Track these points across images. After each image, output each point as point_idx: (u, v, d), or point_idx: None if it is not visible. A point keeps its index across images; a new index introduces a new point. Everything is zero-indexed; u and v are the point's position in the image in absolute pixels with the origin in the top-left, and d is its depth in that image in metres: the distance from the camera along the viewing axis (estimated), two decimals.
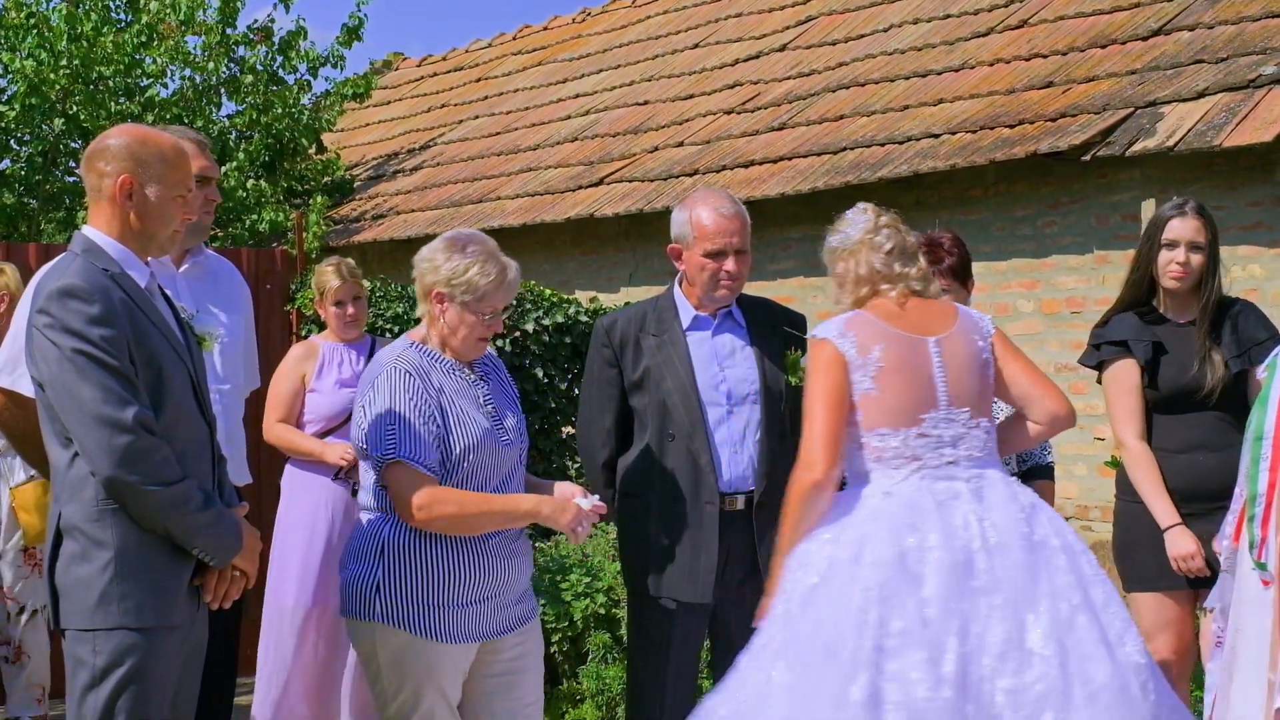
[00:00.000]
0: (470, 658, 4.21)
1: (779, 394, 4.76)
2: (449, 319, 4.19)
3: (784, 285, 9.00)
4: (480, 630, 4.19)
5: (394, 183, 13.27)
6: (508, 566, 4.22)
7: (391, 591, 4.09)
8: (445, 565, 4.11)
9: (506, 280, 4.17)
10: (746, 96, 10.90)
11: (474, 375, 4.28)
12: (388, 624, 4.10)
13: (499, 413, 4.27)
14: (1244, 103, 7.28)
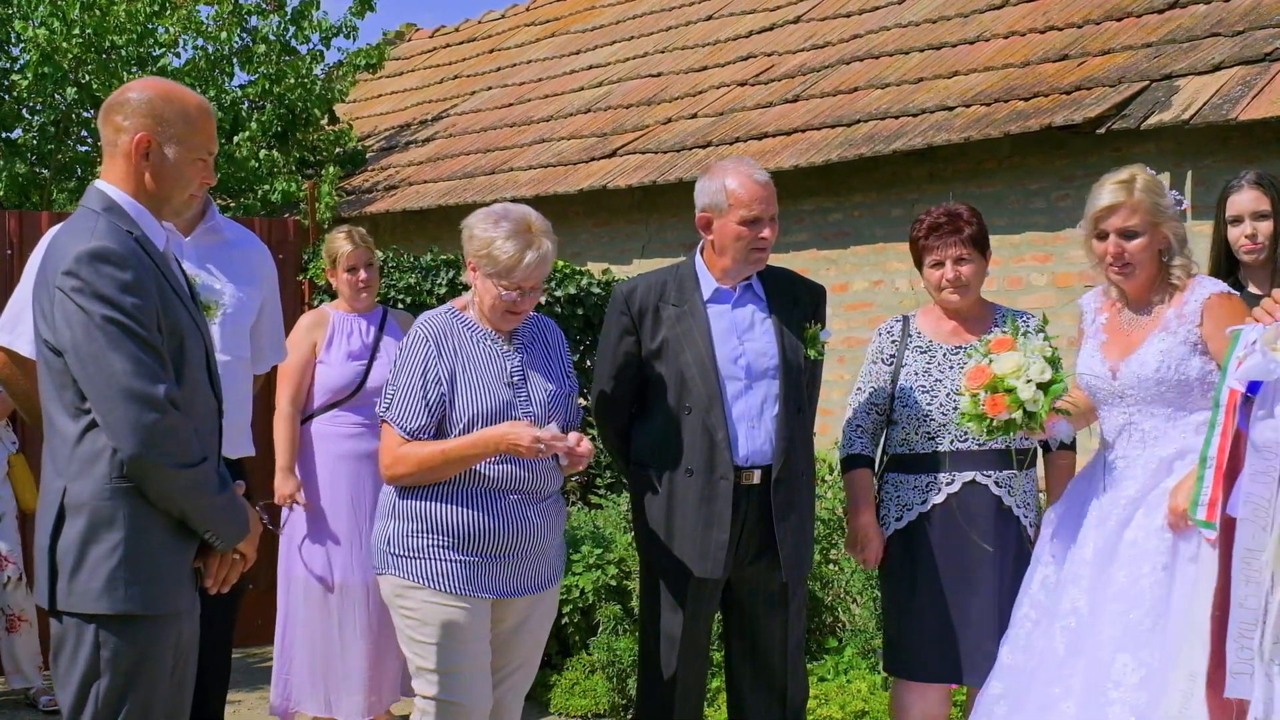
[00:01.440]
0: (487, 614, 4.28)
1: (798, 368, 4.76)
2: (478, 288, 4.33)
3: (798, 257, 8.97)
4: (491, 587, 4.26)
5: (406, 154, 13.25)
6: (526, 526, 4.27)
7: (401, 544, 4.25)
8: (453, 522, 4.21)
9: (526, 260, 4.22)
10: (760, 68, 10.87)
11: (508, 346, 4.34)
12: (400, 576, 4.25)
13: (531, 385, 4.31)
14: (1260, 76, 7.25)
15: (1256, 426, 3.68)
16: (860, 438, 4.95)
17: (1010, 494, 4.80)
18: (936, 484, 4.80)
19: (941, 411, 4.78)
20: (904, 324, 5.00)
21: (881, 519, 4.91)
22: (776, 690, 4.87)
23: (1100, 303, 4.54)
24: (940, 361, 4.86)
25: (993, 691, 4.46)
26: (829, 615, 7.08)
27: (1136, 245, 4.28)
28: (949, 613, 4.76)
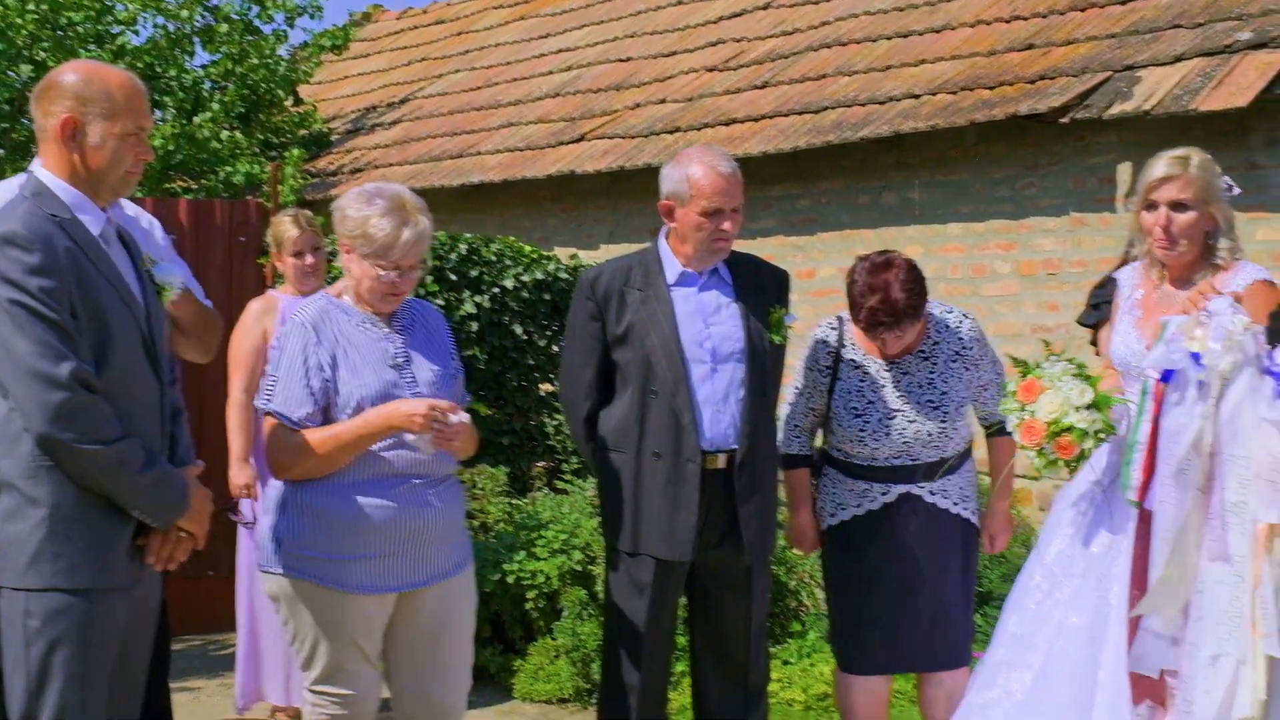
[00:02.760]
0: (386, 609, 4.17)
1: (763, 353, 4.78)
2: (354, 270, 4.18)
3: (765, 244, 9.01)
4: (392, 581, 4.13)
5: (372, 136, 13.22)
6: (422, 515, 4.14)
7: (292, 541, 4.09)
8: (348, 515, 4.07)
9: (403, 237, 4.09)
10: (729, 54, 10.89)
11: (389, 329, 4.23)
12: (291, 574, 4.11)
13: (415, 366, 4.22)
14: (1220, 67, 7.31)
15: (1169, 412, 3.76)
16: (799, 437, 5.00)
17: (946, 497, 4.87)
18: (872, 492, 4.86)
19: (874, 435, 4.82)
20: (840, 331, 4.97)
21: (819, 511, 4.98)
22: (738, 673, 4.91)
23: (1138, 279, 4.54)
24: (874, 379, 4.88)
25: (997, 657, 4.49)
26: (793, 599, 7.12)
27: (1185, 219, 4.29)
28: (885, 608, 4.84)
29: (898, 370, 4.87)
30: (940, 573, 4.86)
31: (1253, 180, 7.21)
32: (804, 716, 6.16)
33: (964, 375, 4.88)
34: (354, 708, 4.21)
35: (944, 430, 4.83)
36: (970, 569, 4.97)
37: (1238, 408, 3.69)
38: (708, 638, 4.94)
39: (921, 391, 4.84)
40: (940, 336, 4.92)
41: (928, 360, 4.89)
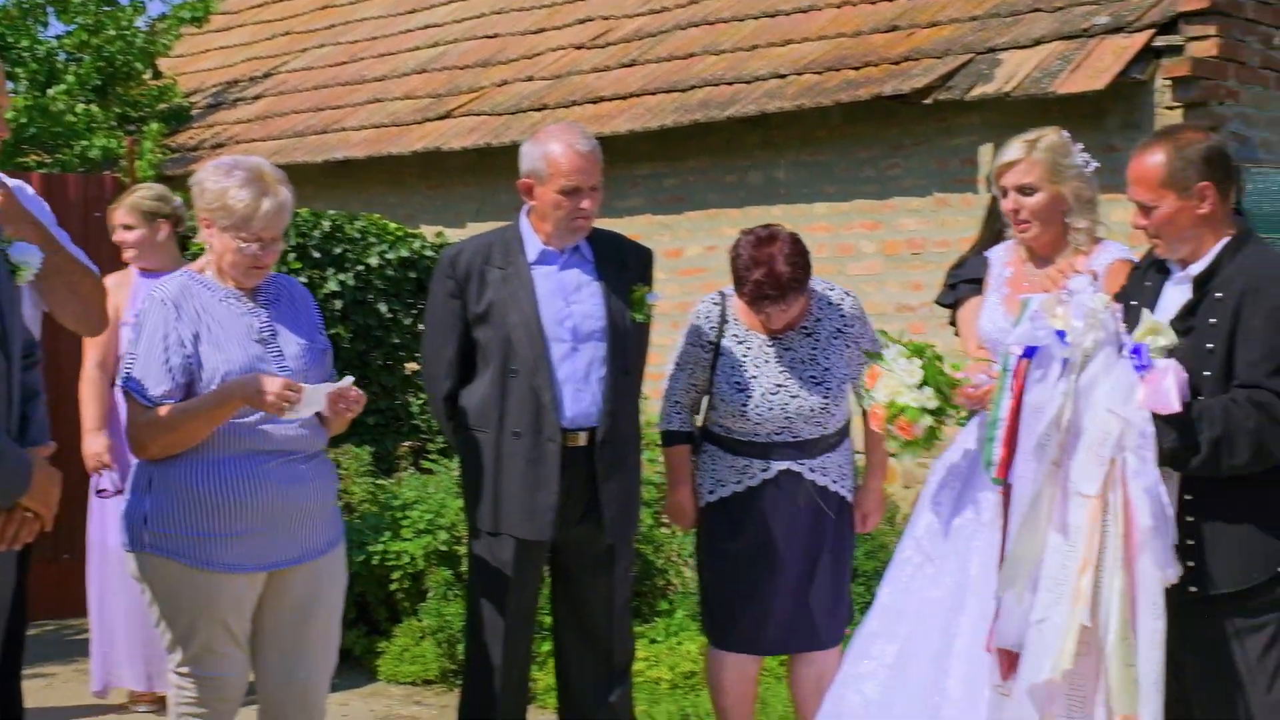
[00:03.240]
0: (255, 588, 4.13)
1: (625, 331, 4.77)
2: (215, 244, 4.14)
3: (632, 223, 9.00)
4: (262, 559, 4.10)
5: (234, 111, 12.98)
6: (292, 492, 4.11)
7: (159, 521, 4.04)
8: (217, 493, 4.02)
9: (263, 207, 4.05)
10: (597, 32, 10.85)
11: (253, 303, 4.18)
12: (157, 554, 4.05)
13: (280, 341, 4.18)
14: (1078, 51, 7.44)
15: (1032, 388, 3.82)
16: (679, 413, 5.01)
17: (825, 474, 4.91)
18: (753, 468, 4.89)
19: (757, 410, 4.84)
20: (722, 307, 4.99)
21: (697, 488, 4.98)
22: (601, 652, 4.91)
23: (1007, 257, 4.63)
24: (756, 354, 4.91)
25: (869, 629, 4.55)
26: (661, 578, 7.14)
27: (1034, 202, 4.41)
28: (760, 585, 4.87)
29: (780, 346, 4.90)
30: (817, 552, 4.90)
31: (1110, 162, 7.32)
32: (670, 695, 6.18)
33: (845, 352, 4.92)
34: (221, 691, 4.15)
35: (826, 406, 4.87)
36: (846, 548, 5.02)
37: (1093, 383, 3.77)
38: (571, 616, 4.94)
39: (804, 367, 4.87)
40: (823, 313, 4.96)
41: (810, 336, 4.92)
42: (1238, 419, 3.71)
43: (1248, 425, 3.70)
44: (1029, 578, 3.80)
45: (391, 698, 6.46)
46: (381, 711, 6.28)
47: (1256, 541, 3.78)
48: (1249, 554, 3.78)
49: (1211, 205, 3.88)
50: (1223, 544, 3.79)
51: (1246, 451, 3.71)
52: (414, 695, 6.49)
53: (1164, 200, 3.89)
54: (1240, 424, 3.70)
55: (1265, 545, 3.78)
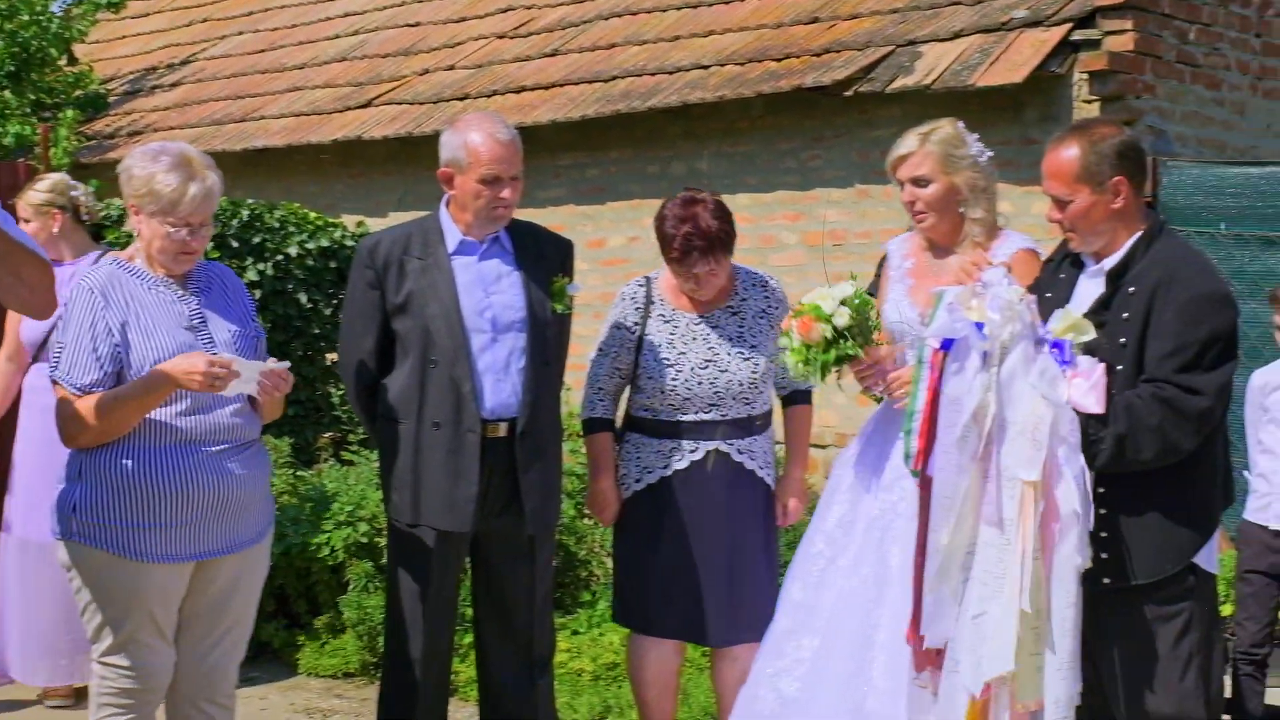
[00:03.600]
0: (183, 578, 4.11)
1: (545, 322, 4.76)
2: (143, 231, 4.11)
3: (555, 213, 8.99)
4: (191, 549, 4.08)
5: (152, 99, 12.83)
6: (223, 483, 4.08)
7: (88, 509, 4.01)
8: (147, 483, 4.00)
9: (190, 192, 4.02)
10: (519, 21, 10.82)
11: (183, 290, 4.16)
12: (85, 543, 4.02)
13: (211, 328, 4.15)
14: (997, 44, 7.51)
15: (949, 381, 3.85)
16: (601, 400, 5.00)
17: (752, 458, 4.92)
18: (680, 451, 4.88)
19: (686, 385, 4.84)
20: (647, 289, 5.00)
21: (622, 478, 4.97)
22: (522, 644, 4.89)
23: (907, 248, 4.66)
24: (684, 332, 4.91)
25: (781, 626, 4.56)
26: (583, 569, 7.14)
27: (928, 193, 4.47)
28: (686, 574, 4.86)
29: (708, 324, 4.91)
30: (744, 539, 4.90)
31: (1028, 155, 7.42)
32: (593, 686, 6.18)
33: (770, 333, 4.94)
34: (145, 681, 4.12)
35: (754, 382, 4.87)
36: (772, 538, 5.02)
37: (1012, 376, 3.80)
38: (492, 608, 4.92)
39: (732, 344, 4.89)
40: (748, 293, 4.98)
41: (736, 315, 4.94)
42: (1141, 415, 3.75)
43: (1151, 422, 3.75)
44: (961, 572, 3.82)
45: (311, 691, 6.41)
46: (301, 705, 6.23)
47: (1169, 533, 3.83)
48: (1162, 546, 3.83)
49: (1125, 200, 3.93)
50: (1136, 536, 3.84)
51: (1151, 448, 3.76)
52: (334, 688, 6.45)
53: (1078, 195, 3.93)
54: (1144, 420, 3.75)
55: (1177, 537, 3.84)
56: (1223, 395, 3.83)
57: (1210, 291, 3.84)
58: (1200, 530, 3.87)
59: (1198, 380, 3.76)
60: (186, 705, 4.26)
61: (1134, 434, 3.75)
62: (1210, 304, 3.82)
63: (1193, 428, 3.76)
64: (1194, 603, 3.87)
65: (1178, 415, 3.74)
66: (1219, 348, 3.80)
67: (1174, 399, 3.75)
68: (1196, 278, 3.86)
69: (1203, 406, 3.76)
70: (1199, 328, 3.78)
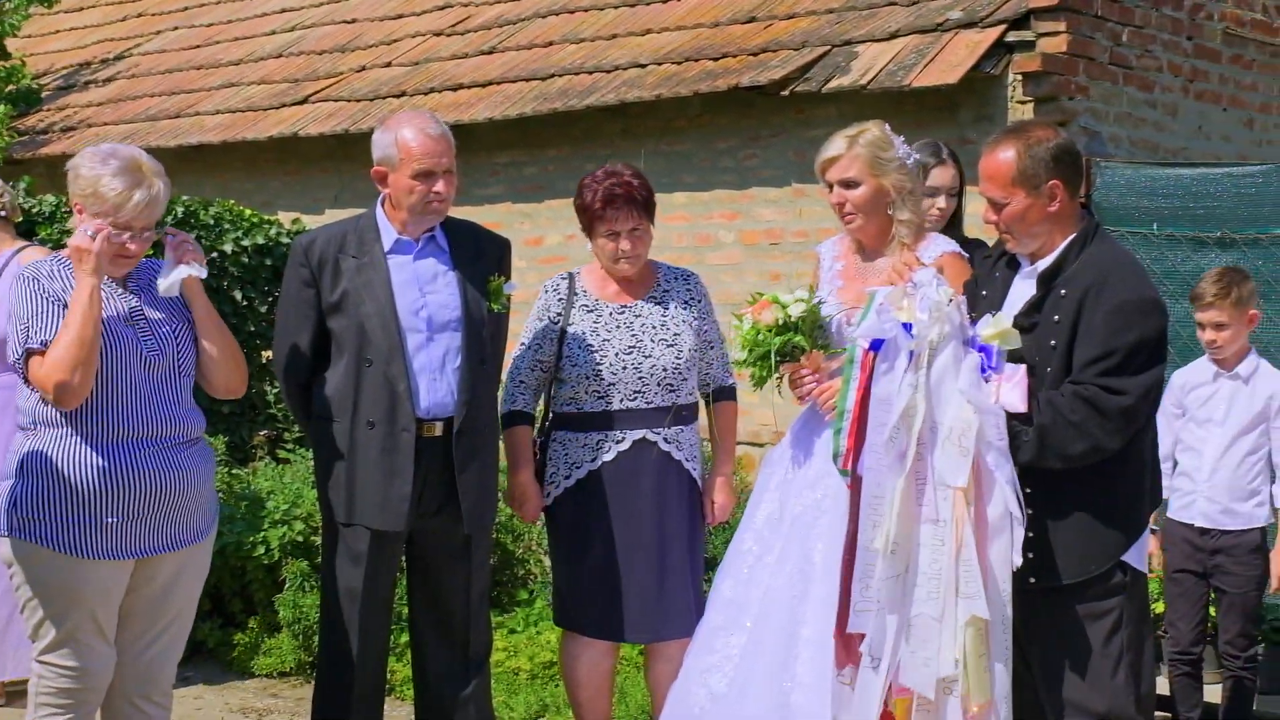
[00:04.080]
0: (124, 576, 4.11)
1: (480, 321, 4.76)
2: None
3: (492, 210, 8.97)
4: (132, 547, 4.08)
5: (86, 94, 12.70)
6: (166, 480, 4.09)
7: (28, 505, 4.01)
8: (89, 479, 4.00)
9: (135, 198, 4.04)
10: (456, 19, 10.78)
11: (123, 289, 4.18)
12: (25, 539, 4.02)
13: (153, 324, 4.16)
14: (932, 45, 7.56)
15: (879, 381, 3.89)
16: (522, 394, 5.01)
17: (679, 449, 4.94)
18: (606, 442, 4.89)
19: (611, 370, 4.87)
20: (570, 282, 5.05)
21: (551, 477, 4.97)
22: (459, 642, 4.89)
23: (838, 250, 4.71)
24: (607, 320, 4.95)
25: (712, 623, 4.58)
26: (520, 568, 7.14)
27: (857, 195, 4.50)
28: (616, 571, 4.88)
29: (631, 313, 4.95)
30: (672, 532, 4.91)
31: (964, 155, 7.45)
32: (530, 685, 6.18)
33: (694, 324, 4.97)
34: (85, 680, 4.12)
35: (678, 368, 4.90)
36: (698, 534, 5.05)
37: (942, 377, 3.83)
38: (427, 607, 4.91)
39: (655, 331, 4.93)
40: (670, 285, 5.05)
41: (659, 305, 4.99)
42: (1064, 411, 3.79)
43: (1074, 418, 3.78)
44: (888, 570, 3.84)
45: (247, 690, 6.38)
46: (237, 704, 6.20)
47: (1096, 534, 3.87)
48: (1087, 546, 3.87)
49: (1060, 203, 3.96)
50: (1063, 536, 3.88)
51: (1075, 444, 3.79)
52: (269, 688, 6.42)
53: (1014, 197, 3.96)
54: (1066, 416, 3.78)
55: (1104, 537, 3.87)
56: (1148, 397, 3.87)
57: (1139, 298, 3.87)
58: (1127, 530, 3.91)
59: (1121, 382, 3.80)
60: (123, 702, 4.25)
61: (1056, 429, 3.78)
62: (1139, 310, 3.85)
63: (1115, 425, 3.79)
64: (1124, 600, 3.91)
65: (1099, 414, 3.78)
66: (1146, 353, 3.84)
67: (1095, 397, 3.78)
68: (1126, 283, 3.88)
69: (1124, 405, 3.79)
70: (1126, 333, 3.81)
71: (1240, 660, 5.55)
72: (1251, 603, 5.57)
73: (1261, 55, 8.81)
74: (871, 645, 3.85)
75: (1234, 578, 5.51)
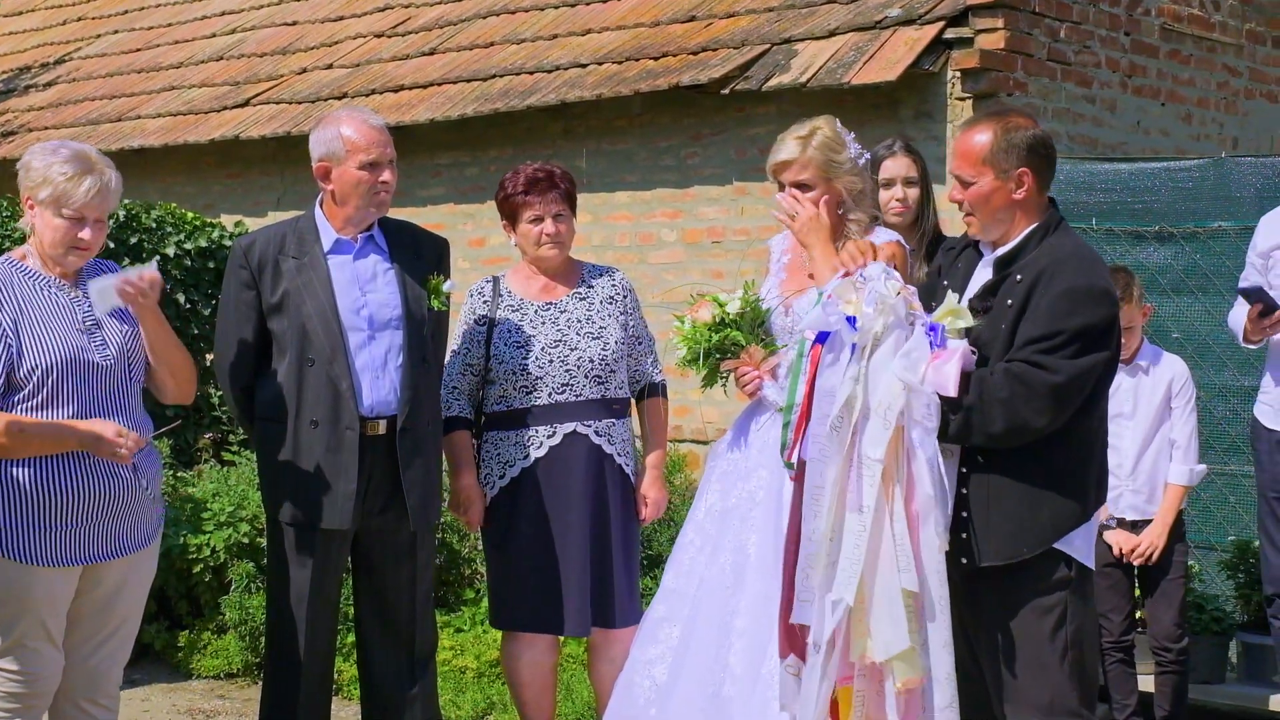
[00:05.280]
0: (72, 582, 4.11)
1: (421, 319, 4.78)
2: (38, 225, 4.12)
3: (434, 211, 8.98)
4: (79, 554, 4.09)
5: (26, 98, 12.61)
6: (113, 487, 4.10)
7: None
8: (35, 486, 4.00)
9: (85, 184, 4.04)
10: (397, 20, 10.78)
11: (76, 291, 4.17)
12: None
13: (106, 329, 4.16)
14: (871, 42, 7.62)
15: (824, 373, 3.92)
16: (457, 399, 5.03)
17: (610, 442, 4.97)
18: (537, 437, 4.93)
19: (537, 364, 4.91)
20: (494, 284, 5.10)
21: (485, 478, 5.00)
22: (404, 640, 4.90)
23: (787, 243, 4.73)
24: (532, 318, 4.99)
25: (656, 614, 4.61)
26: (466, 567, 7.15)
27: (810, 199, 4.46)
28: (551, 565, 4.91)
29: (555, 309, 5.01)
30: (605, 523, 4.95)
31: None
32: (476, 684, 6.20)
33: (619, 318, 5.02)
34: (33, 686, 4.12)
35: (605, 359, 4.94)
36: (632, 528, 5.08)
37: (881, 366, 3.86)
38: (373, 606, 4.92)
39: (581, 325, 4.99)
40: (594, 281, 5.12)
41: (584, 300, 5.05)
42: (990, 388, 3.81)
43: (1000, 395, 3.80)
44: (827, 557, 3.88)
45: (194, 692, 6.37)
46: (184, 705, 6.19)
47: (1026, 517, 3.88)
48: (1018, 529, 3.88)
49: (1027, 191, 3.97)
50: (994, 517, 3.89)
51: (999, 421, 3.81)
52: (217, 689, 6.41)
53: (982, 177, 3.98)
54: (993, 394, 3.81)
55: (1035, 521, 3.88)
56: (1081, 381, 3.84)
57: (1089, 285, 3.87)
58: (1062, 515, 3.90)
59: (1055, 361, 3.80)
60: (69, 705, 4.26)
61: (982, 406, 3.80)
62: (1087, 296, 3.86)
63: (1043, 404, 3.79)
64: (1069, 595, 3.91)
65: (1027, 389, 3.78)
66: (1088, 340, 3.84)
67: (1024, 374, 3.79)
68: (1079, 270, 3.89)
69: (1053, 383, 3.79)
70: (1071, 317, 3.82)
71: (1173, 654, 5.64)
72: (1180, 591, 5.66)
73: (1199, 50, 8.90)
74: (814, 634, 3.88)
75: (1162, 566, 5.61)
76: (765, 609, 4.19)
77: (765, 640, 4.18)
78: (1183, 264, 6.79)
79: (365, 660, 4.98)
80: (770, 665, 4.15)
